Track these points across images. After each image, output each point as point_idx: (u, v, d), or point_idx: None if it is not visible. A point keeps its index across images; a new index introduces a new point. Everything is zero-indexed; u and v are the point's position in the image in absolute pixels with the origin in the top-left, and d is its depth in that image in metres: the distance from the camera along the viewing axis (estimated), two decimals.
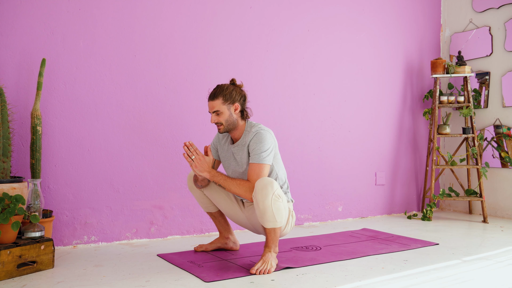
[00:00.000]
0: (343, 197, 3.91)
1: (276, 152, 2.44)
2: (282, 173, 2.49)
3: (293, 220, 2.46)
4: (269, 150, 2.34)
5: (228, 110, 2.38)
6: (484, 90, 4.20)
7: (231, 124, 2.41)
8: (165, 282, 2.10)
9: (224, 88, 2.39)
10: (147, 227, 3.06)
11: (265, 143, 2.33)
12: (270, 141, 2.37)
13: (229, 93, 2.38)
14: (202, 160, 2.32)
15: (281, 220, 2.26)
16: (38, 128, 2.61)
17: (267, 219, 2.24)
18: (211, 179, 2.35)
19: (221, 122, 2.39)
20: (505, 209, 4.03)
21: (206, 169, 2.33)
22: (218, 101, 2.37)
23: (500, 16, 4.08)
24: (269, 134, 2.39)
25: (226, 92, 2.37)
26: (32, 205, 2.31)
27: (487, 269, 2.34)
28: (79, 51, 2.88)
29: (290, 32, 3.66)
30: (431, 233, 3.29)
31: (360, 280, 2.14)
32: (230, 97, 2.38)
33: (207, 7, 3.30)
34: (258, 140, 2.34)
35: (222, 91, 2.38)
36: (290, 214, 2.44)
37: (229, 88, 2.40)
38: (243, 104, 2.44)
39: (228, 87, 2.40)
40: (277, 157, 2.46)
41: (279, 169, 2.47)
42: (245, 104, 2.46)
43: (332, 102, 3.87)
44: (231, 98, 2.38)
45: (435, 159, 4.02)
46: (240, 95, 2.42)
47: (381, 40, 4.16)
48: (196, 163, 2.32)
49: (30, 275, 2.19)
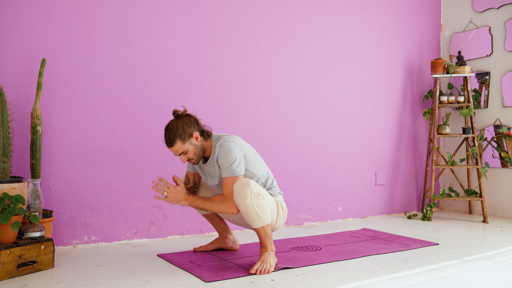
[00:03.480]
0: (343, 197, 3.91)
1: (249, 156, 2.39)
2: (261, 172, 2.45)
3: (284, 212, 2.45)
4: (237, 160, 2.30)
5: (191, 144, 2.32)
6: (484, 90, 4.20)
7: (200, 152, 2.37)
8: (165, 282, 2.10)
9: (175, 128, 2.29)
10: (147, 227, 3.06)
11: (231, 155, 2.29)
12: (236, 150, 2.31)
13: (182, 130, 2.29)
14: (175, 192, 2.30)
15: (266, 217, 2.26)
16: (38, 128, 2.61)
17: (253, 219, 2.24)
18: (191, 205, 2.34)
19: (191, 158, 2.36)
20: (505, 209, 4.03)
21: (183, 197, 2.32)
22: (177, 144, 2.30)
23: (500, 16, 4.08)
24: (234, 144, 2.33)
25: (179, 132, 2.29)
26: (32, 205, 2.31)
27: (487, 269, 2.34)
28: (79, 51, 2.88)
29: (290, 32, 3.66)
30: (431, 233, 3.29)
31: (360, 280, 2.14)
32: (185, 133, 2.30)
33: (207, 7, 3.30)
34: (224, 154, 2.30)
35: (176, 133, 2.29)
36: (280, 207, 2.43)
37: (179, 126, 2.30)
38: (198, 128, 2.36)
39: (178, 125, 2.30)
40: (252, 160, 2.41)
41: (257, 170, 2.43)
42: (200, 126, 2.39)
43: (332, 102, 3.87)
44: (186, 134, 2.30)
45: (435, 159, 4.02)
46: (192, 123, 2.33)
47: (381, 40, 4.16)
48: (171, 196, 2.30)
49: (30, 275, 2.19)
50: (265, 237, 2.30)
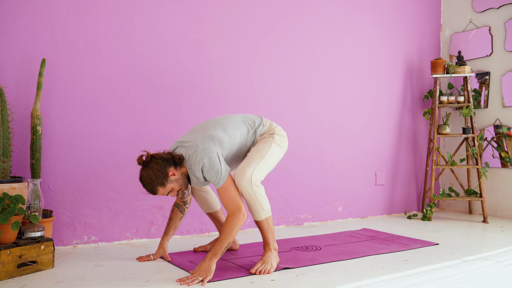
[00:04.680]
0: (343, 197, 3.91)
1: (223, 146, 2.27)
2: (238, 135, 2.35)
3: (282, 139, 2.44)
4: (219, 168, 2.18)
5: (171, 182, 2.22)
6: (484, 90, 4.20)
7: (184, 180, 2.27)
8: (165, 282, 2.10)
9: (149, 180, 2.17)
10: (147, 227, 3.06)
11: (213, 167, 2.18)
12: (212, 160, 2.18)
13: (156, 177, 2.17)
14: (201, 272, 2.11)
15: (268, 207, 2.28)
16: (38, 128, 2.61)
17: (259, 210, 2.26)
18: (218, 259, 2.17)
19: (179, 191, 2.29)
20: (505, 209, 4.03)
21: (208, 268, 2.12)
22: (160, 190, 2.20)
23: (500, 16, 4.08)
24: (202, 153, 2.19)
25: (155, 181, 2.17)
26: (32, 205, 2.31)
27: (487, 269, 2.34)
28: (79, 51, 2.88)
29: (290, 33, 3.66)
30: (431, 233, 3.29)
31: (360, 280, 2.14)
32: (160, 177, 2.17)
33: (208, 7, 3.30)
34: (206, 170, 2.19)
35: (152, 183, 2.17)
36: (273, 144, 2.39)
37: (151, 175, 2.16)
38: (170, 163, 2.21)
39: (149, 175, 2.17)
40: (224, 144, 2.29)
41: (234, 140, 2.33)
42: (170, 159, 2.22)
43: (332, 102, 3.87)
44: (163, 178, 2.18)
45: (435, 159, 4.02)
46: (161, 165, 2.18)
47: (381, 40, 4.16)
48: (201, 276, 2.10)
49: (30, 275, 2.19)
50: (267, 231, 2.30)
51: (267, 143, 2.39)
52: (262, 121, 2.48)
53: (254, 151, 2.37)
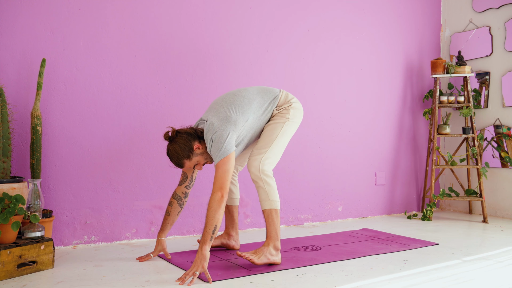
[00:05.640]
0: (343, 197, 3.91)
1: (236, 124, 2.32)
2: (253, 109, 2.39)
3: (298, 113, 2.52)
4: (222, 145, 2.23)
5: (197, 156, 2.33)
6: (484, 90, 4.20)
7: (209, 154, 2.37)
8: (165, 282, 2.10)
9: (176, 153, 2.29)
10: (147, 227, 3.06)
11: (217, 144, 2.24)
12: (220, 136, 2.24)
13: (182, 151, 2.29)
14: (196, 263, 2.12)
15: (276, 199, 2.37)
16: (38, 128, 2.61)
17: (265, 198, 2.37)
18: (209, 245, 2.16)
19: (204, 163, 2.39)
20: (505, 209, 4.03)
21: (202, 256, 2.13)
22: (186, 163, 2.33)
23: (500, 16, 4.08)
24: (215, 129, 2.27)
25: (181, 154, 2.29)
26: (32, 205, 2.31)
27: (487, 269, 2.34)
28: (79, 51, 2.88)
29: (290, 33, 3.66)
30: (431, 233, 3.29)
31: (360, 280, 2.14)
32: (186, 151, 2.29)
33: (208, 7, 3.30)
34: (213, 145, 2.26)
35: (179, 156, 2.29)
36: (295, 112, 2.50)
37: (177, 149, 2.28)
38: (193, 138, 2.32)
39: (176, 149, 2.29)
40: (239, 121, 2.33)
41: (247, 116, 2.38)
42: (194, 134, 2.33)
43: (332, 102, 3.87)
44: (188, 151, 2.30)
45: (435, 159, 4.02)
46: (186, 139, 2.30)
47: (381, 40, 4.16)
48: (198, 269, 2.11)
49: (30, 275, 2.19)
50: (270, 224, 2.37)
51: (280, 122, 2.46)
52: (278, 93, 2.52)
53: (266, 135, 2.44)
